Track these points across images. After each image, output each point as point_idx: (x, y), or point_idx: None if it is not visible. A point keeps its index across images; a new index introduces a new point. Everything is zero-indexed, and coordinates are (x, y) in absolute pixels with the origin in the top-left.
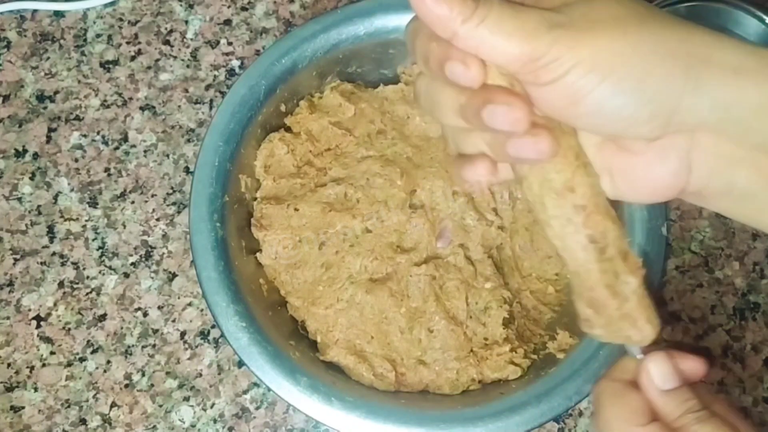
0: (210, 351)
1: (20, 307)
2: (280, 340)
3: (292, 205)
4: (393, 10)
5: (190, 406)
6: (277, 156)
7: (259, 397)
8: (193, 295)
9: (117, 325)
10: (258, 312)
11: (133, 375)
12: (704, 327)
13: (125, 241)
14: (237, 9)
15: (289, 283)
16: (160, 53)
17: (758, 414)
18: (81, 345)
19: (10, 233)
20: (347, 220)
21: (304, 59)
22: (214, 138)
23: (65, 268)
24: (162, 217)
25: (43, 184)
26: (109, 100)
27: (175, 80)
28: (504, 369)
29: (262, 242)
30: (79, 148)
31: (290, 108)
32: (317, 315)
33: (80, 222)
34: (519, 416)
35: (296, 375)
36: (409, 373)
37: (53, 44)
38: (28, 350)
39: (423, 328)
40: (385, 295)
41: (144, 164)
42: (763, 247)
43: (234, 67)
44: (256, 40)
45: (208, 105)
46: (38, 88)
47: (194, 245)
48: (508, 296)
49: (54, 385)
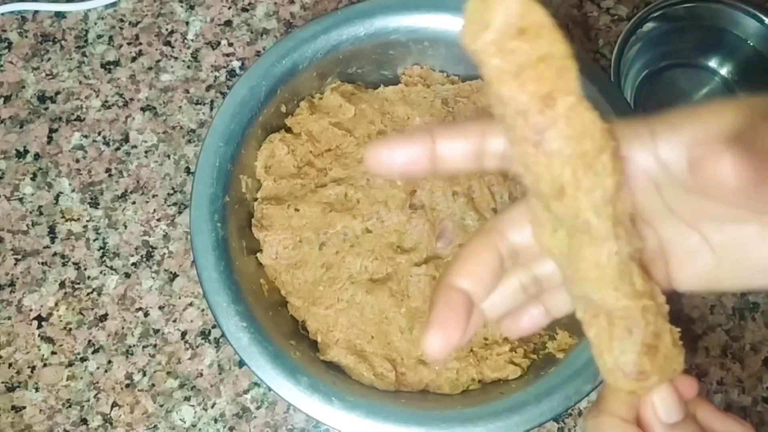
0: (211, 351)
1: (21, 308)
2: (280, 340)
3: (292, 205)
4: (393, 11)
5: (191, 406)
6: (277, 156)
7: (260, 396)
8: (194, 295)
9: (118, 325)
10: (258, 312)
11: (134, 375)
12: (703, 327)
13: (126, 241)
14: (238, 10)
15: (290, 283)
16: (160, 54)
17: (757, 414)
18: (82, 345)
19: (11, 234)
20: (347, 220)
21: (304, 60)
22: (214, 139)
23: (66, 268)
24: (163, 218)
25: (44, 184)
26: (110, 101)
27: (176, 81)
28: (504, 369)
29: (263, 242)
30: (80, 149)
31: (291, 109)
32: (318, 315)
33: (81, 222)
34: (519, 416)
35: (297, 375)
36: (409, 372)
37: (54, 45)
38: (29, 350)
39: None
40: (386, 295)
41: (145, 165)
42: None
43: (235, 68)
44: (256, 41)
45: (208, 106)
46: (39, 88)
47: (195, 245)
48: None
49: (55, 385)
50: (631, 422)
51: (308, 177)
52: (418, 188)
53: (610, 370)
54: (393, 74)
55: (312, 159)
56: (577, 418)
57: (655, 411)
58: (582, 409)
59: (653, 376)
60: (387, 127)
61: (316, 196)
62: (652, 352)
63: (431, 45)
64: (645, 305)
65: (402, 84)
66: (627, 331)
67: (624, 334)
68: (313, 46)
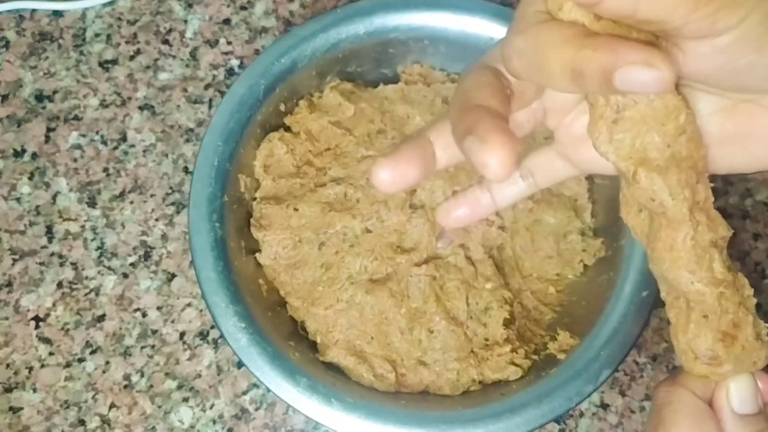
0: (209, 352)
1: (19, 308)
2: (279, 341)
3: (291, 205)
4: (393, 10)
5: (189, 407)
6: (276, 156)
7: (259, 398)
8: (193, 296)
9: (116, 325)
10: (257, 312)
11: (132, 376)
12: None
13: (124, 241)
14: (236, 8)
15: (289, 284)
16: (159, 53)
17: None
18: (80, 346)
19: (8, 233)
20: (347, 220)
21: (303, 58)
22: (213, 138)
23: (64, 268)
24: (161, 217)
25: (41, 184)
26: (108, 100)
27: (174, 80)
28: (505, 370)
29: (262, 242)
30: (77, 148)
31: (290, 107)
32: (317, 315)
33: (79, 222)
34: (519, 417)
35: (296, 376)
36: (409, 373)
37: (52, 44)
38: (26, 351)
39: (423, 328)
40: (385, 295)
41: (143, 164)
42: (765, 247)
43: (233, 67)
44: (255, 39)
45: (207, 104)
46: (37, 87)
47: (193, 245)
48: (508, 296)
49: (53, 386)
50: (704, 401)
51: (307, 176)
52: (418, 188)
53: (683, 350)
54: (393, 73)
55: (311, 158)
56: (578, 419)
57: (729, 397)
58: (583, 410)
59: (726, 364)
60: (387, 126)
61: (316, 195)
62: (728, 340)
63: (431, 43)
64: (722, 293)
65: (402, 82)
66: (703, 315)
67: (700, 318)
68: (312, 45)
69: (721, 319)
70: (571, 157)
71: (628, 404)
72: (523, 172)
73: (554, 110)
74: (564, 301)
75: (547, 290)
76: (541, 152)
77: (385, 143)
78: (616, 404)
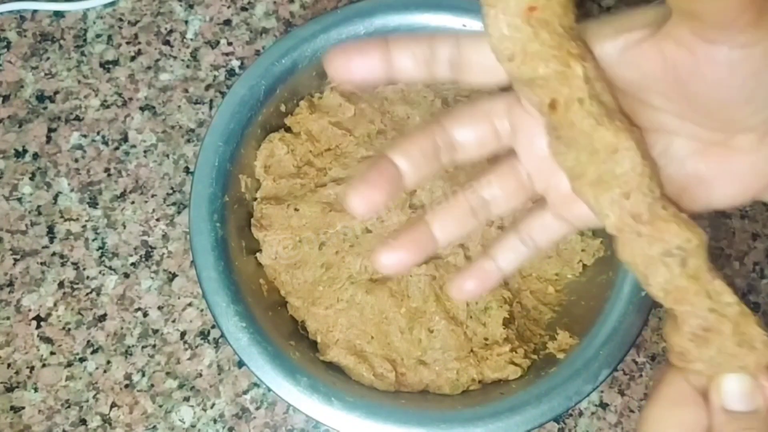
0: (210, 351)
1: (20, 308)
2: (280, 341)
3: (292, 205)
4: (393, 10)
5: (190, 407)
6: (277, 156)
7: (259, 397)
8: (193, 296)
9: (117, 325)
10: (258, 312)
11: (133, 375)
12: None
13: (125, 241)
14: (237, 9)
15: (289, 284)
16: (160, 53)
17: None
18: (81, 345)
19: (10, 233)
20: (347, 220)
21: (304, 59)
22: (214, 138)
23: (65, 268)
24: (162, 218)
25: (43, 184)
26: (109, 101)
27: (175, 80)
28: (504, 369)
29: (262, 242)
30: (79, 149)
31: (290, 108)
32: (317, 315)
33: (80, 222)
34: (519, 416)
35: (296, 375)
36: (409, 373)
37: (53, 44)
38: (28, 350)
39: (423, 328)
40: (385, 295)
41: (144, 164)
42: (763, 247)
43: (234, 67)
44: (256, 40)
45: (208, 105)
46: (38, 88)
47: (194, 245)
48: (508, 296)
49: (54, 386)
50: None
51: (308, 176)
52: (417, 188)
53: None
54: None
55: (312, 158)
56: (577, 418)
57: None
58: (582, 409)
59: (698, 363)
60: (387, 127)
61: (316, 195)
62: (700, 341)
63: None
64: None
65: (402, 83)
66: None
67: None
68: (312, 45)
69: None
70: (565, 216)
71: (627, 404)
72: (523, 238)
73: (539, 173)
74: (563, 301)
75: (547, 290)
76: (537, 216)
77: (385, 143)
78: (616, 404)
